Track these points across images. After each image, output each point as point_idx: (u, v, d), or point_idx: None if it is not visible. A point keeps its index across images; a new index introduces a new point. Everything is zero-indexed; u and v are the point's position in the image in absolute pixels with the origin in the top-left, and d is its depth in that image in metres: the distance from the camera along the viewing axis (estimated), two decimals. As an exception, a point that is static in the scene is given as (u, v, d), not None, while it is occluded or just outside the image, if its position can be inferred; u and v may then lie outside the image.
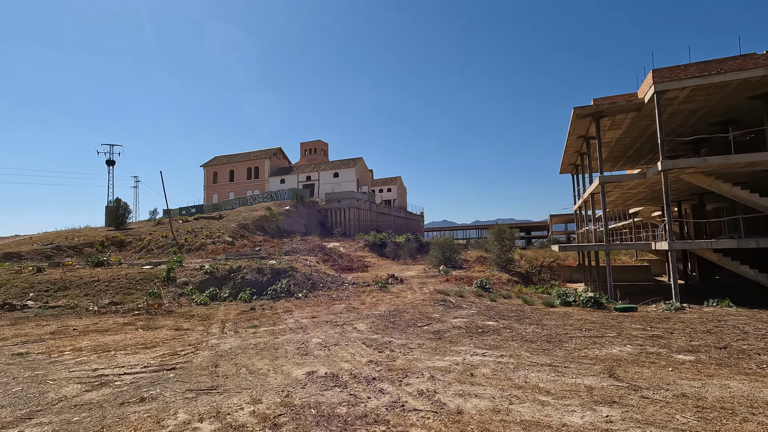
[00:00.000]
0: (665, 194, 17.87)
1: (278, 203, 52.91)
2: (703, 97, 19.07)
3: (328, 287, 18.97)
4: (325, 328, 9.91)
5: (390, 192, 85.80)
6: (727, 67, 17.05)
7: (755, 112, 20.56)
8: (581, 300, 13.37)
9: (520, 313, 12.37)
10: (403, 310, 12.35)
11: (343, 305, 14.43)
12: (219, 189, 70.88)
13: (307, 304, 14.98)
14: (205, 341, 8.94)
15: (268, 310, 13.80)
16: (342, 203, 55.98)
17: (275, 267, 18.88)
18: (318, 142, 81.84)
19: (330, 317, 11.70)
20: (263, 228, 43.80)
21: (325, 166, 68.02)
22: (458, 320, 10.84)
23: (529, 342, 8.26)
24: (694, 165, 17.61)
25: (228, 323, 11.33)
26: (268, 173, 69.07)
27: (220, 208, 57.79)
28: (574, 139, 25.96)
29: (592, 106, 20.80)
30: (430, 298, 15.03)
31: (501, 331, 9.44)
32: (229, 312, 13.39)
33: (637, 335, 8.79)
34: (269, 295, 16.56)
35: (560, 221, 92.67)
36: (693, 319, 10.85)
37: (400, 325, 10.13)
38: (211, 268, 18.17)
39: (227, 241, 34.51)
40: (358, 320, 10.91)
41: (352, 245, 43.72)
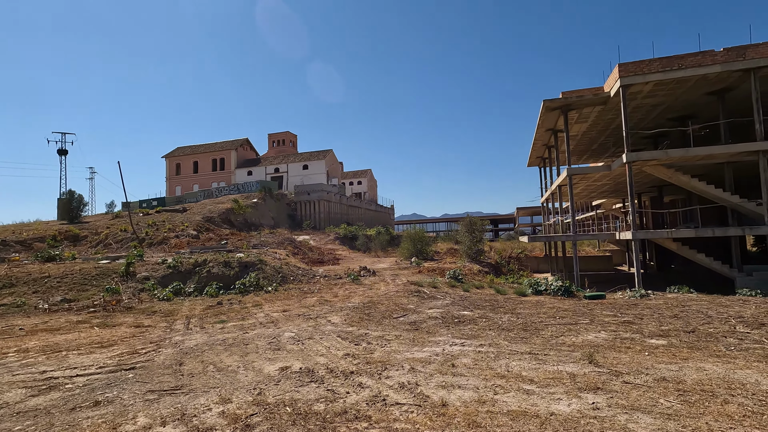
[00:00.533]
0: (629, 186, 18.43)
1: (245, 196, 51.50)
2: (665, 92, 19.74)
3: (299, 280, 18.50)
4: (297, 322, 9.53)
5: (360, 185, 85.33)
6: (687, 63, 17.68)
7: (711, 108, 21.50)
8: (552, 289, 13.58)
9: (494, 302, 12.40)
10: (377, 302, 12.11)
11: (316, 298, 14.06)
12: (182, 181, 68.19)
13: (278, 297, 14.49)
14: (169, 338, 8.38)
15: (237, 304, 13.24)
16: (312, 196, 55.10)
17: (243, 260, 18.21)
18: (286, 133, 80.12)
19: (302, 310, 11.32)
20: (230, 221, 42.53)
21: (294, 158, 66.68)
22: (433, 311, 10.71)
23: (506, 331, 8.21)
24: (656, 157, 18.23)
25: (193, 319, 10.75)
26: (234, 165, 66.99)
27: (183, 200, 55.64)
28: (543, 131, 26.40)
29: (561, 99, 21.15)
30: (404, 290, 14.88)
31: (477, 320, 9.37)
32: (194, 307, 12.75)
33: (610, 321, 8.92)
34: (237, 289, 15.94)
35: (526, 214, 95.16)
36: (659, 305, 11.20)
37: (375, 317, 9.89)
38: (174, 263, 17.30)
39: (192, 235, 33.20)
40: (331, 313, 10.59)
41: (322, 238, 43.16)
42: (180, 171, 68.70)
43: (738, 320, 8.52)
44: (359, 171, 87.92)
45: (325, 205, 54.78)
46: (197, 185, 66.46)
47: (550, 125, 25.02)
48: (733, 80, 18.33)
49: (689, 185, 18.99)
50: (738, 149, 17.47)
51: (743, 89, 19.30)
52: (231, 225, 41.66)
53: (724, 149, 17.64)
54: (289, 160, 66.61)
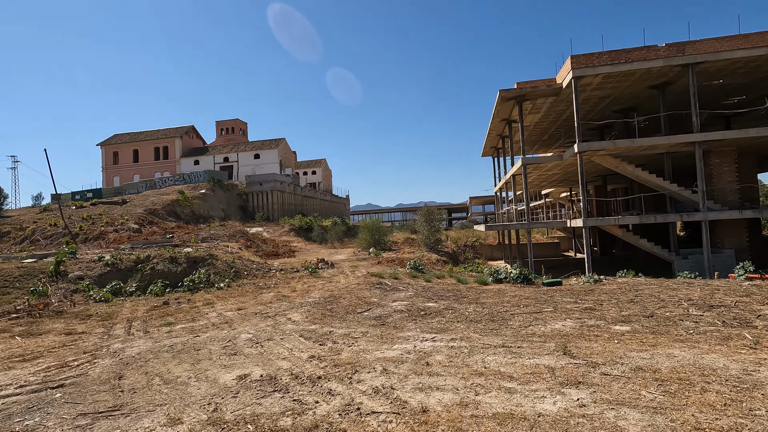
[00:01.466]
0: (580, 174, 19.08)
1: (192, 186, 48.81)
2: (612, 85, 20.55)
3: (254, 275, 17.58)
4: (254, 321, 8.86)
5: (315, 175, 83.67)
6: (634, 56, 18.44)
7: (652, 101, 22.73)
8: (512, 277, 13.73)
9: (457, 292, 12.32)
10: (338, 296, 11.63)
11: (272, 294, 13.34)
12: (121, 171, 63.46)
13: (231, 294, 13.61)
14: (106, 346, 7.45)
15: (185, 303, 12.24)
16: (264, 186, 53.19)
17: (192, 255, 17.00)
18: (236, 121, 76.66)
19: (259, 308, 10.61)
20: (176, 213, 40.14)
21: (245, 147, 63.94)
22: (398, 303, 10.41)
23: (474, 322, 8.04)
24: (605, 147, 18.98)
25: (136, 322, 9.74)
26: (179, 154, 63.21)
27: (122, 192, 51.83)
28: (498, 122, 26.81)
29: (516, 90, 21.46)
30: (365, 282, 14.50)
31: (443, 312, 9.17)
32: (136, 308, 11.63)
33: (572, 309, 9.03)
34: (186, 286, 14.82)
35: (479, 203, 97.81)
36: (613, 290, 11.58)
37: (338, 313, 9.42)
38: (113, 259, 15.80)
39: (133, 229, 30.89)
40: (291, 310, 9.98)
41: (276, 230, 41.85)
42: (118, 160, 63.86)
43: (689, 303, 8.89)
44: (313, 161, 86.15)
45: (278, 195, 53.13)
46: (138, 175, 62.15)
47: (505, 115, 25.43)
48: (673, 74, 19.37)
49: (633, 174, 19.98)
50: (677, 140, 18.54)
51: (681, 83, 20.50)
52: (177, 218, 39.36)
53: (665, 140, 18.67)
54: (239, 149, 63.83)
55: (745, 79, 20.55)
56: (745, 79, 20.62)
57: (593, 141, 30.10)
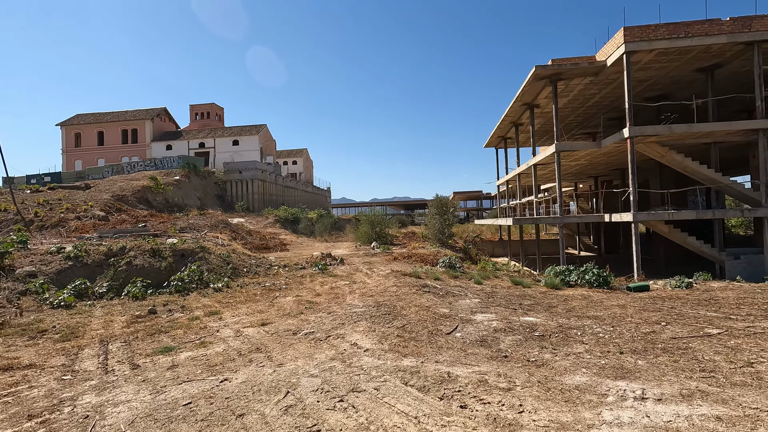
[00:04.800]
0: (631, 162, 16.88)
1: (165, 173, 44.59)
2: (661, 65, 18.45)
3: (255, 272, 14.48)
4: (301, 349, 5.92)
5: (296, 165, 79.92)
6: (694, 30, 16.33)
7: (691, 87, 20.86)
8: (586, 279, 11.26)
9: (533, 299, 9.73)
10: (389, 304, 8.80)
11: (291, 298, 10.36)
12: (84, 154, 57.88)
13: (236, 298, 10.54)
14: (69, 402, 4.38)
15: (179, 312, 9.11)
16: (244, 174, 49.38)
17: (179, 247, 13.70)
18: (212, 105, 71.70)
19: (290, 322, 7.65)
20: (147, 201, 36.06)
21: (223, 133, 59.56)
22: (483, 317, 7.70)
23: (637, 354, 5.43)
24: (659, 132, 16.84)
25: (114, 344, 6.62)
26: (150, 137, 58.22)
27: (85, 176, 46.91)
28: (518, 106, 24.43)
29: (553, 67, 19.05)
30: (402, 283, 11.71)
31: (568, 333, 6.51)
32: (111, 320, 8.42)
33: (741, 328, 6.55)
34: (174, 287, 11.59)
35: (462, 198, 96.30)
36: (726, 296, 9.28)
37: (417, 333, 6.60)
38: (76, 251, 12.34)
39: (99, 216, 26.88)
40: (342, 326, 7.08)
41: (260, 221, 38.46)
42: (80, 142, 58.22)
43: None
44: (294, 150, 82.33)
45: (259, 185, 49.43)
46: (103, 159, 56.86)
47: (529, 98, 23.05)
48: (730, 54, 17.42)
49: (682, 165, 17.97)
50: (740, 127, 16.60)
51: (731, 67, 18.63)
52: (149, 205, 35.31)
53: (726, 126, 16.69)
54: (216, 135, 59.41)
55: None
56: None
57: (614, 131, 28.29)
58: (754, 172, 18.88)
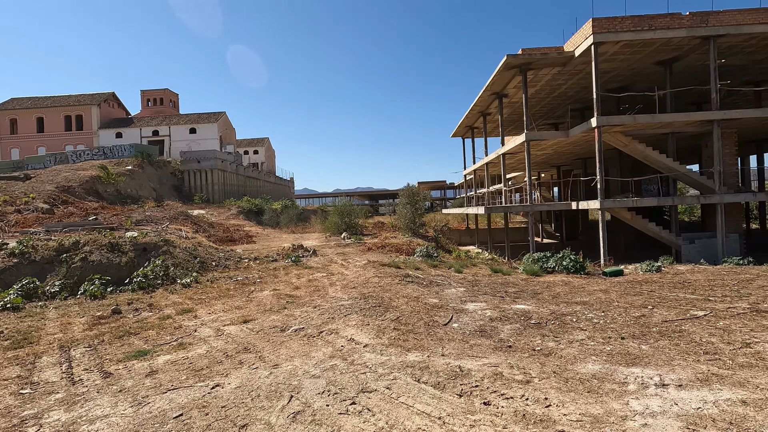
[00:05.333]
0: (598, 152, 17.37)
1: (116, 162, 41.83)
2: (625, 56, 19.02)
3: (225, 266, 13.73)
4: (293, 347, 5.50)
5: (257, 154, 77.39)
6: (657, 23, 16.90)
7: (651, 79, 21.72)
8: (563, 266, 11.45)
9: (516, 286, 9.74)
10: (375, 295, 8.48)
11: (268, 292, 9.85)
12: (21, 142, 53.25)
13: (208, 294, 9.88)
14: (35, 419, 3.78)
15: (147, 311, 8.38)
16: (203, 164, 47.13)
17: (140, 241, 12.69)
18: (165, 91, 67.86)
19: (273, 318, 7.18)
20: (97, 192, 33.76)
21: (179, 120, 56.52)
22: (474, 305, 7.56)
23: (638, 339, 5.44)
24: (624, 122, 17.41)
25: (77, 350, 5.91)
26: (97, 124, 54.35)
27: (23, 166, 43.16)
28: (487, 95, 24.57)
29: (523, 56, 19.20)
30: (383, 273, 11.43)
31: (566, 320, 6.47)
32: (70, 322, 7.60)
33: (723, 309, 6.77)
34: (137, 284, 10.72)
35: (427, 188, 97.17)
36: (697, 279, 9.69)
37: (411, 324, 6.34)
38: (22, 247, 11.11)
39: (42, 209, 24.79)
40: (332, 320, 6.70)
41: (222, 213, 37.00)
42: (17, 129, 53.48)
43: None
44: (256, 139, 79.60)
45: (219, 175, 47.40)
46: (44, 148, 52.56)
47: (498, 88, 23.22)
48: (688, 48, 18.20)
49: (643, 155, 18.72)
50: (697, 117, 17.44)
51: (688, 60, 19.51)
52: (99, 197, 33.05)
53: (685, 117, 17.49)
54: (171, 122, 56.32)
55: (743, 60, 20.09)
56: (742, 61, 20.17)
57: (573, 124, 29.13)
58: (706, 161, 20.00)
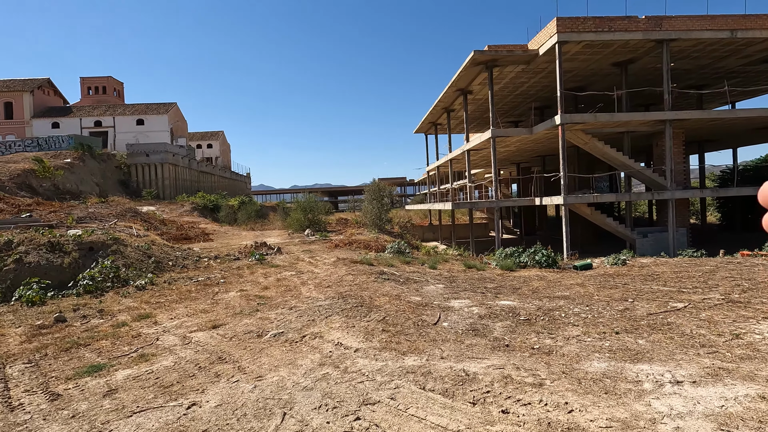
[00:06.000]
0: (562, 148, 17.80)
1: (53, 154, 38.53)
2: (585, 57, 19.62)
3: (183, 266, 12.74)
4: (275, 354, 4.96)
5: (211, 148, 74.11)
6: (616, 25, 17.51)
7: (607, 80, 22.63)
8: (535, 260, 11.53)
9: (494, 281, 9.64)
10: (353, 294, 8.03)
11: (235, 293, 9.14)
12: (-61, 130, 47.81)
13: (167, 297, 9.02)
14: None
15: (97, 318, 7.46)
16: (152, 158, 44.37)
17: (85, 240, 11.45)
18: (109, 79, 63.25)
19: (246, 322, 6.56)
20: (31, 187, 30.92)
21: (125, 110, 52.90)
22: (458, 303, 7.30)
23: (630, 332, 5.38)
24: (586, 120, 17.94)
25: (14, 367, 5.05)
26: (30, 113, 49.82)
27: (-57, 157, 38.68)
28: (452, 92, 24.63)
29: (490, 53, 19.32)
30: (357, 271, 10.99)
31: (554, 315, 6.35)
32: (3, 333, 6.59)
33: (700, 300, 6.94)
34: (83, 287, 9.63)
35: (387, 184, 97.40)
36: (664, 271, 10.03)
37: (399, 324, 5.96)
38: (-59, 248, 9.65)
39: (-35, 205, 22.24)
40: (311, 322, 6.19)
41: (174, 209, 35.01)
42: (-68, 116, 47.87)
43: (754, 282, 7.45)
44: (209, 132, 76.18)
45: (170, 169, 44.84)
46: (-34, 137, 47.40)
47: (463, 84, 23.32)
48: (643, 50, 19.03)
49: (602, 152, 19.44)
50: (652, 117, 18.28)
51: (642, 62, 20.45)
52: (33, 192, 30.24)
53: (641, 116, 18.28)
54: (116, 112, 52.67)
55: (689, 64, 21.33)
56: (689, 65, 21.41)
57: (531, 122, 29.90)
58: (657, 159, 21.12)
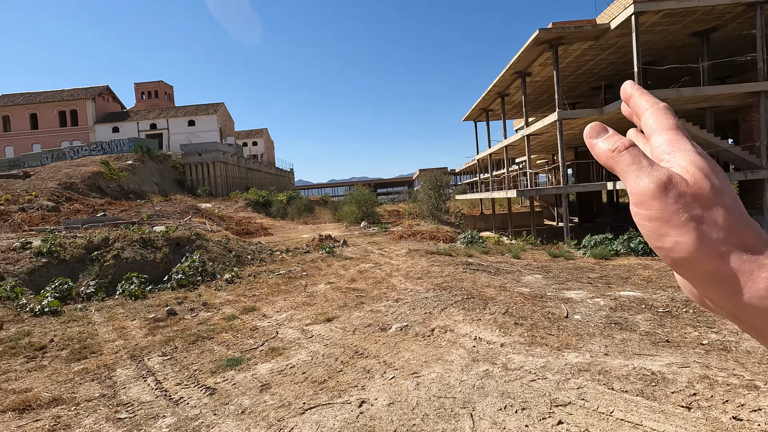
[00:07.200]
0: (640, 128, 16.59)
1: (116, 157, 40.63)
2: (661, 28, 18.13)
3: (260, 259, 12.91)
4: (414, 349, 4.72)
5: (256, 146, 75.99)
6: (701, -10, 16.00)
7: (682, 52, 20.89)
8: (630, 248, 10.75)
9: (591, 271, 9.02)
10: (453, 286, 7.70)
11: (324, 286, 9.06)
12: (15, 139, 51.67)
13: (259, 290, 9.08)
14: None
15: (203, 310, 7.57)
16: (204, 157, 45.92)
17: (171, 236, 11.81)
18: (160, 83, 66.07)
19: (357, 315, 6.39)
20: (100, 188, 32.73)
21: (177, 113, 55.08)
22: (575, 294, 6.82)
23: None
24: (669, 96, 16.60)
25: (151, 359, 5.10)
26: (92, 119, 52.82)
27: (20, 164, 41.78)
28: (509, 75, 23.60)
29: (555, 30, 18.24)
30: (439, 262, 10.67)
31: (698, 308, 5.75)
32: (123, 326, 6.78)
33: None
34: (176, 281, 9.89)
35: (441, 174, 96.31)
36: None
37: (528, 317, 5.57)
38: (50, 246, 10.20)
39: (47, 207, 23.75)
40: (428, 315, 5.92)
41: (229, 205, 36.12)
42: (10, 126, 51.81)
43: None
44: (254, 130, 78.18)
45: (221, 167, 46.27)
46: (39, 145, 51.01)
47: (522, 66, 22.25)
48: (729, 17, 17.34)
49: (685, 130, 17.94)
50: (744, 89, 16.67)
51: (725, 30, 18.68)
52: (102, 193, 32.03)
53: (731, 89, 16.70)
54: (169, 115, 54.89)
55: None
56: None
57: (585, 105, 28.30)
58: (744, 135, 19.29)
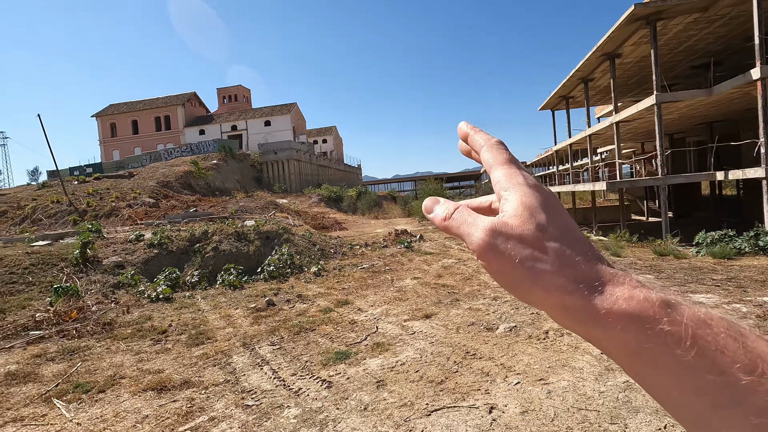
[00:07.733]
0: (763, 109, 14.46)
1: (202, 157, 43.97)
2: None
3: (342, 253, 13.15)
4: (531, 352, 4.41)
5: (326, 143, 78.34)
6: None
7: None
8: (758, 246, 9.35)
9: (713, 272, 7.97)
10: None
11: (410, 281, 8.95)
12: (120, 143, 57.94)
13: (347, 283, 9.19)
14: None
15: (299, 302, 7.81)
16: (280, 155, 48.11)
17: (262, 230, 12.43)
18: (239, 87, 70.37)
19: (454, 312, 6.18)
20: (190, 185, 35.54)
21: (254, 114, 58.36)
22: (704, 298, 6.03)
23: None
24: (797, 71, 14.29)
25: (262, 348, 5.30)
26: (182, 123, 57.63)
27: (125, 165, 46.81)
28: (595, 57, 21.82)
29: (656, 3, 16.48)
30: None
31: None
32: (229, 314, 7.18)
33: None
34: (268, 273, 10.36)
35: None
36: None
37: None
38: (159, 238, 11.20)
39: (149, 203, 26.30)
40: (538, 316, 5.54)
41: (303, 201, 37.52)
42: (116, 132, 58.19)
43: None
44: (324, 128, 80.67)
45: (295, 165, 48.19)
46: (139, 148, 56.75)
47: (612, 47, 20.44)
48: None
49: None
50: None
51: None
52: (192, 190, 34.78)
53: None
54: (247, 117, 58.29)
55: None
56: None
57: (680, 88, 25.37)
58: None
